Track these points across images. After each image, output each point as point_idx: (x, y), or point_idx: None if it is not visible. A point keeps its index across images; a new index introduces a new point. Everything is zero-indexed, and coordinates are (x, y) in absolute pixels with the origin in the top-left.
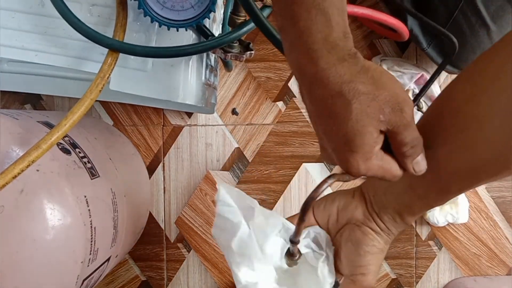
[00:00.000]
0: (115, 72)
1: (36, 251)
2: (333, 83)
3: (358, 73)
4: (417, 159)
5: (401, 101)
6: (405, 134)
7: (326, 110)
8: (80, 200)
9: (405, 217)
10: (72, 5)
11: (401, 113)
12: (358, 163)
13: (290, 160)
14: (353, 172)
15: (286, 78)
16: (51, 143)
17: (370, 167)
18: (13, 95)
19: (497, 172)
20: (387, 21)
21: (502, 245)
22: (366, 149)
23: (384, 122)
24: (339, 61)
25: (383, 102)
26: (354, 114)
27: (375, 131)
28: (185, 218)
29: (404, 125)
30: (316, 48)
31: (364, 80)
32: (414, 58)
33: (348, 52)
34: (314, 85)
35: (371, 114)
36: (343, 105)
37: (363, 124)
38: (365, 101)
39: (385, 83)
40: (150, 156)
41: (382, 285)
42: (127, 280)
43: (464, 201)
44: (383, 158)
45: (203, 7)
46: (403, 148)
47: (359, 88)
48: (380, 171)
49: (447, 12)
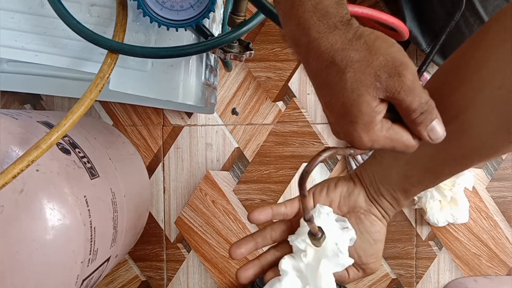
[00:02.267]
0: (115, 72)
1: (36, 251)
2: (326, 53)
3: (350, 40)
4: (432, 125)
5: (399, 64)
6: (409, 100)
7: (322, 82)
8: (79, 200)
9: (401, 201)
10: (72, 5)
11: (399, 77)
12: (360, 135)
13: (290, 160)
14: (357, 145)
15: (286, 78)
16: (51, 143)
17: (375, 139)
18: (13, 95)
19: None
20: (387, 21)
21: (502, 245)
22: (365, 119)
23: (382, 89)
24: (330, 29)
25: (378, 68)
26: (348, 84)
27: (373, 99)
28: (185, 218)
29: (406, 90)
30: (307, 17)
31: (357, 47)
32: (414, 58)
33: (340, 20)
34: (309, 56)
35: (366, 82)
36: (337, 74)
37: (358, 93)
38: (359, 68)
39: (380, 48)
40: (150, 156)
41: (382, 285)
42: (127, 280)
43: (464, 201)
44: (391, 128)
45: (203, 7)
46: (412, 115)
47: (351, 56)
48: (388, 142)
49: (445, 13)
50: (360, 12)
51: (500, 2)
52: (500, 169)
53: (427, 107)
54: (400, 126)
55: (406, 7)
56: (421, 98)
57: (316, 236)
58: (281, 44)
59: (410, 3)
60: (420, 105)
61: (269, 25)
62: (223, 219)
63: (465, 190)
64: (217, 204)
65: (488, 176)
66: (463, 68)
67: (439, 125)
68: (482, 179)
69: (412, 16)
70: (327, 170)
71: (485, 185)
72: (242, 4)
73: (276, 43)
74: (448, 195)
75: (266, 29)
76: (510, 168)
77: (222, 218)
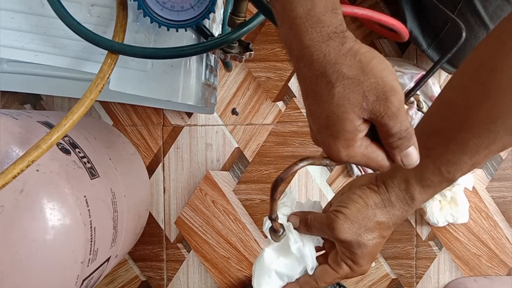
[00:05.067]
0: (115, 72)
1: (36, 251)
2: (317, 63)
3: (344, 55)
4: (407, 151)
5: (388, 89)
6: (390, 125)
7: (311, 90)
8: (80, 200)
9: (411, 184)
10: (72, 5)
11: (386, 103)
12: (339, 149)
13: (290, 160)
14: (334, 158)
15: (286, 78)
16: (51, 143)
17: (352, 155)
18: (13, 95)
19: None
20: (387, 22)
21: (502, 245)
22: (347, 136)
23: (367, 111)
24: (324, 38)
25: (368, 89)
26: (336, 98)
27: (356, 118)
28: (185, 218)
29: (389, 116)
30: (299, 23)
31: (350, 63)
32: (414, 58)
33: (334, 30)
34: (301, 62)
35: (353, 100)
36: (326, 87)
37: (343, 110)
38: (349, 86)
39: (373, 69)
40: (150, 156)
41: (382, 285)
42: (127, 280)
43: (464, 201)
44: (369, 147)
45: (203, 7)
46: (390, 139)
47: (343, 71)
48: (363, 160)
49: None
50: (360, 13)
51: (501, 3)
52: (500, 169)
53: (405, 134)
54: (377, 145)
55: (407, 8)
56: (402, 125)
57: (277, 233)
58: (281, 45)
59: (410, 3)
60: (399, 132)
61: (269, 26)
62: (223, 219)
63: (465, 190)
64: (217, 204)
65: (488, 176)
66: (500, 33)
67: (414, 151)
68: (482, 179)
69: (412, 17)
70: (327, 170)
71: (485, 185)
72: (242, 4)
73: (276, 43)
74: (448, 195)
75: (266, 30)
76: (510, 168)
77: (222, 218)
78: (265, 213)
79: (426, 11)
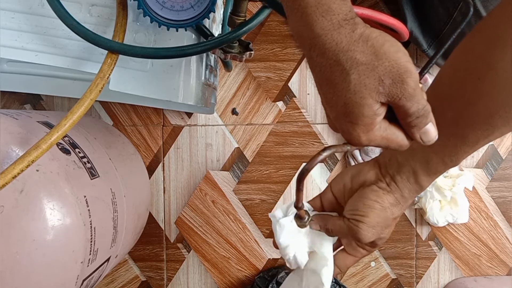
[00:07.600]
0: (115, 72)
1: (36, 251)
2: (330, 51)
3: (356, 41)
4: (425, 129)
5: (403, 72)
6: (408, 106)
7: (325, 79)
8: (80, 200)
9: (420, 176)
10: (72, 5)
11: (402, 85)
12: (359, 134)
13: (290, 160)
14: (355, 143)
15: (286, 78)
16: (51, 143)
17: (372, 138)
18: (13, 95)
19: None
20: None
21: (502, 245)
22: (366, 121)
23: (384, 94)
24: (335, 26)
25: (383, 73)
26: (352, 85)
27: (374, 103)
28: (185, 218)
29: (406, 97)
30: (310, 12)
31: (363, 49)
32: (414, 58)
33: (345, 17)
34: (313, 51)
35: (369, 85)
36: (341, 75)
37: (361, 96)
38: (364, 71)
39: (387, 53)
40: (150, 156)
41: (382, 285)
42: (127, 280)
43: (464, 201)
44: (388, 128)
45: (203, 7)
46: (408, 119)
47: (357, 58)
48: (384, 142)
49: (446, 13)
50: (360, 13)
51: None
52: (500, 169)
53: (423, 112)
54: (396, 126)
55: (407, 8)
56: (419, 104)
57: (303, 219)
58: (281, 44)
59: (410, 3)
60: (417, 111)
61: (269, 25)
62: (223, 219)
63: (465, 190)
64: (217, 204)
65: (488, 176)
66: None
67: (433, 128)
68: (482, 179)
69: (413, 17)
70: (327, 170)
71: (485, 185)
72: (242, 4)
73: (276, 43)
74: (448, 195)
75: (266, 29)
76: (510, 168)
77: (222, 218)
78: (265, 213)
79: (426, 11)
